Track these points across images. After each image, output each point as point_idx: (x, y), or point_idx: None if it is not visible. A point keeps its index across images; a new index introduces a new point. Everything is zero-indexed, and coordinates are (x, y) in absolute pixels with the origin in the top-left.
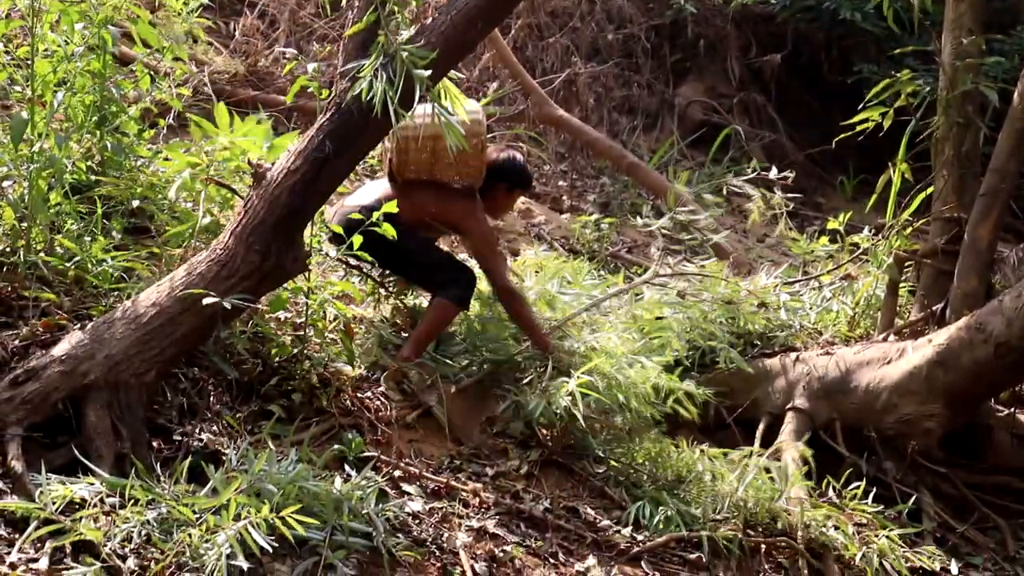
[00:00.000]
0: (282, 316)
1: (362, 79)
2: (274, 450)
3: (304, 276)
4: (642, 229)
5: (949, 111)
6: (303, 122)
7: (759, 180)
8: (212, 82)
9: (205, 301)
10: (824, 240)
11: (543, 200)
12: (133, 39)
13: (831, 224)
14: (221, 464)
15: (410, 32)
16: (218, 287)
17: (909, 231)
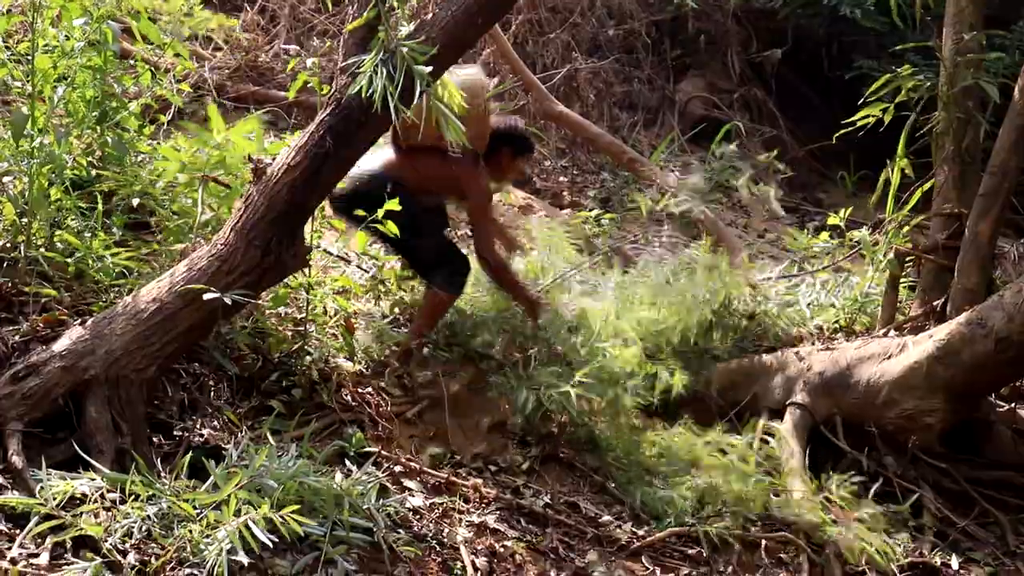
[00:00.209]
0: (282, 311)
1: (362, 75)
2: (274, 445)
3: (304, 271)
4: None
5: (950, 107)
6: (304, 118)
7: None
8: (213, 78)
9: (205, 297)
10: (824, 236)
11: (543, 196)
12: (133, 35)
13: (831, 220)
14: (221, 459)
15: (410, 28)
16: (218, 283)
17: (908, 227)
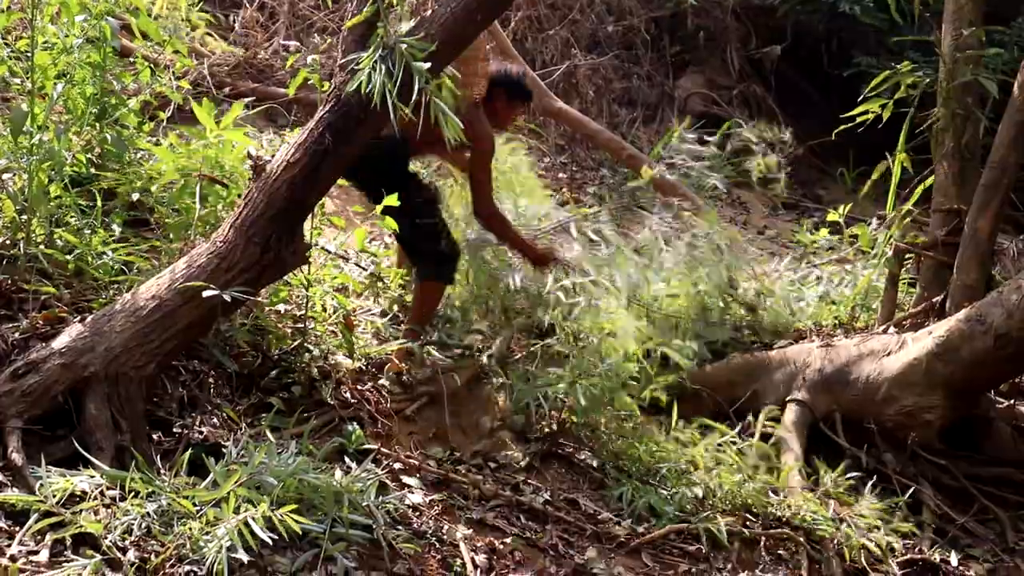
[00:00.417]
0: (282, 309)
1: (361, 71)
2: (274, 442)
3: (304, 268)
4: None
5: (949, 103)
6: (303, 114)
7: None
8: (212, 74)
9: (205, 294)
10: (824, 232)
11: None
12: (133, 31)
13: (831, 216)
14: (221, 457)
15: (410, 24)
16: (218, 280)
17: (906, 221)
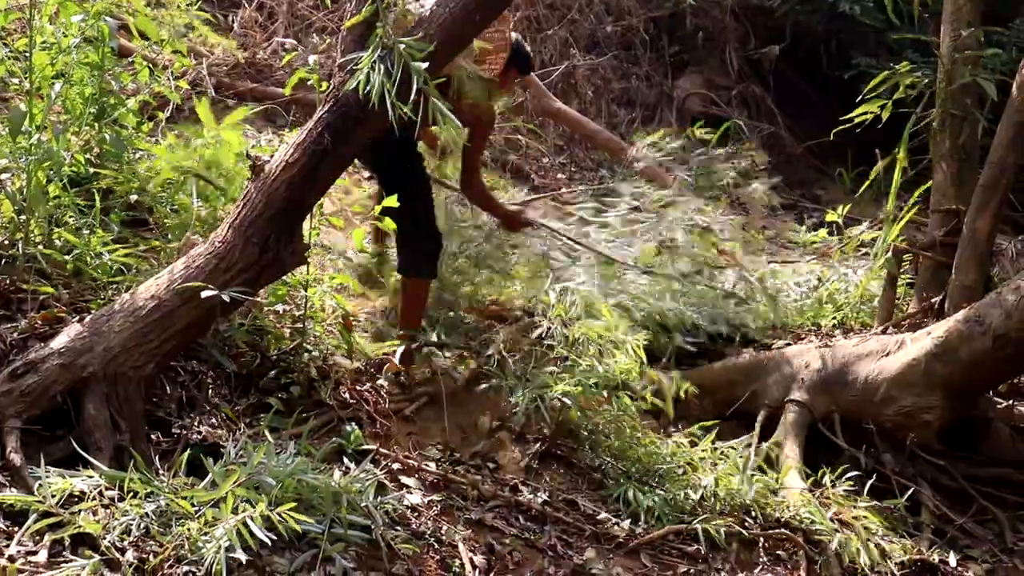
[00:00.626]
0: (281, 309)
1: (360, 71)
2: (273, 443)
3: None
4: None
5: (947, 103)
6: (302, 114)
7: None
8: (210, 74)
9: (203, 294)
10: (823, 232)
11: (541, 193)
12: (131, 31)
13: (830, 216)
14: (220, 457)
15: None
16: (216, 280)
17: (902, 224)
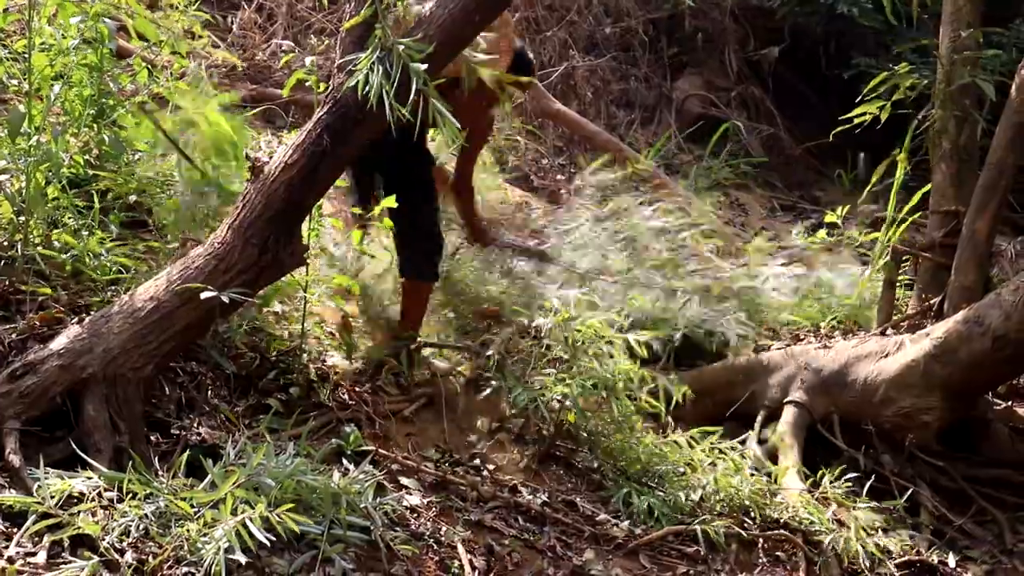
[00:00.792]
0: (280, 310)
1: (358, 72)
2: (272, 444)
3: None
4: None
5: (947, 104)
6: (301, 116)
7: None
8: (209, 75)
9: (203, 295)
10: (822, 234)
11: (540, 194)
12: (130, 33)
13: (828, 217)
14: (219, 458)
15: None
16: (215, 281)
17: (903, 227)
